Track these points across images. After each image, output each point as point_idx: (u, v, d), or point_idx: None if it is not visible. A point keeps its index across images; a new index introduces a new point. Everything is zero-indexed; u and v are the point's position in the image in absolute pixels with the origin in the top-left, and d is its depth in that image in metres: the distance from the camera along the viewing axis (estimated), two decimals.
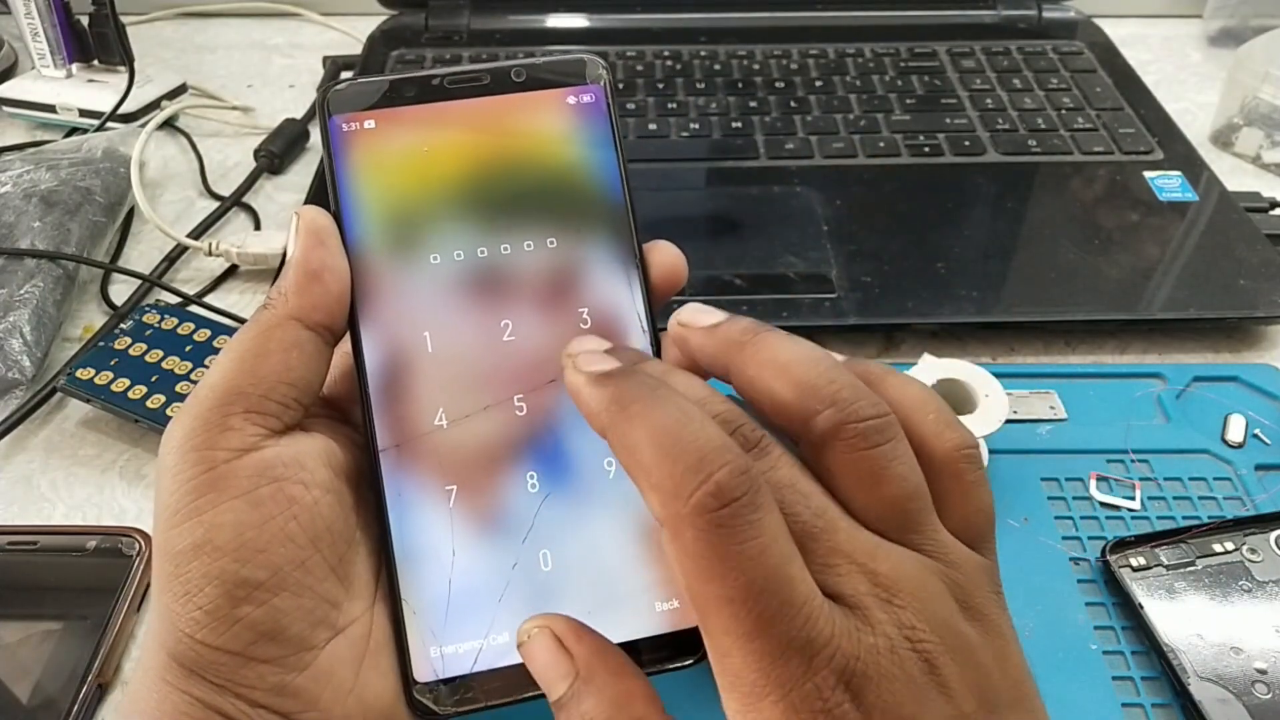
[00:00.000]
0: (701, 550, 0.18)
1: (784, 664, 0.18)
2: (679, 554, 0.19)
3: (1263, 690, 0.31)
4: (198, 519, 0.22)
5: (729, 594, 0.18)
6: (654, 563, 0.25)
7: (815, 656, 0.18)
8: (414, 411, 0.25)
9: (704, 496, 0.18)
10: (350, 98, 0.26)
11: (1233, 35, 0.72)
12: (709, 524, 0.18)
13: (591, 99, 0.27)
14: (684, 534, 0.18)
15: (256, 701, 0.22)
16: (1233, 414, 0.42)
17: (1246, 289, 0.47)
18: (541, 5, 0.69)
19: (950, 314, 0.46)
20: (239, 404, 0.23)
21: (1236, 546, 0.35)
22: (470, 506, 0.25)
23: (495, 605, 0.25)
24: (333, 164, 0.26)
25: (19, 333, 0.44)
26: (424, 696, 0.24)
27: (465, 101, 0.26)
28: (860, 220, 0.51)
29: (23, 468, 0.42)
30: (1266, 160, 0.60)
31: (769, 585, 0.18)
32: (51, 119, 0.63)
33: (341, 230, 0.25)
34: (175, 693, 0.22)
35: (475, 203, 0.26)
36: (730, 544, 0.18)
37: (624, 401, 0.20)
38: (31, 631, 0.34)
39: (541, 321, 0.26)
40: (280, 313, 0.24)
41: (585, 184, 0.27)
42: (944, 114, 0.59)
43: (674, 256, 0.27)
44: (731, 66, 0.64)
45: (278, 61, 0.72)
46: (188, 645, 0.22)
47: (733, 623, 0.18)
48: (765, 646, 0.18)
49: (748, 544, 0.18)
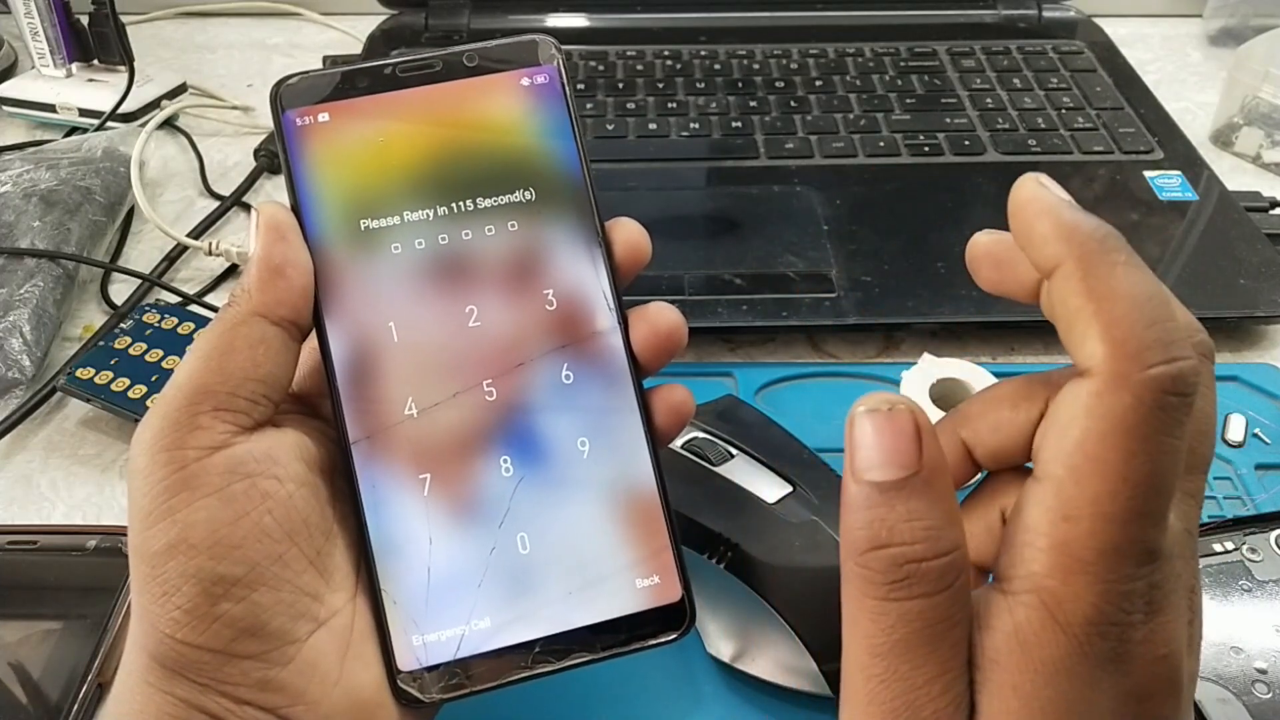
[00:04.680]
0: (1130, 418, 0.18)
1: (1121, 558, 0.18)
2: (1099, 408, 0.18)
3: (1263, 690, 0.31)
4: (171, 519, 0.22)
5: (1128, 471, 0.18)
6: (632, 540, 0.25)
7: (1147, 565, 0.18)
8: (383, 402, 0.25)
9: (1164, 373, 0.18)
10: (303, 92, 0.26)
11: (1233, 35, 0.72)
12: (1155, 400, 0.18)
13: (545, 79, 0.27)
14: (1122, 395, 0.18)
15: (241, 698, 0.22)
16: (1233, 414, 0.41)
17: (1246, 288, 0.47)
18: (541, 5, 0.69)
19: (950, 314, 0.46)
20: (207, 402, 0.23)
21: (1236, 546, 0.35)
22: (445, 494, 0.25)
23: (475, 591, 0.25)
24: (289, 159, 0.26)
25: (19, 332, 0.44)
26: (409, 685, 0.24)
27: (419, 89, 0.26)
28: (860, 220, 0.51)
29: (23, 467, 0.42)
30: (1266, 160, 0.60)
31: (1164, 486, 0.18)
32: (51, 118, 0.63)
33: (302, 224, 0.25)
34: (158, 694, 0.22)
35: (434, 190, 0.26)
36: (1159, 429, 0.18)
37: (1113, 244, 0.19)
38: (31, 631, 0.34)
39: (507, 306, 0.26)
40: (244, 309, 0.24)
41: (544, 165, 0.27)
42: (944, 114, 0.59)
43: (637, 233, 0.27)
44: (731, 66, 0.64)
45: (278, 61, 0.72)
46: (169, 645, 0.22)
47: (1111, 498, 0.18)
48: (1123, 534, 0.18)
49: (1171, 439, 0.18)
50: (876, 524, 0.19)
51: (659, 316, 0.26)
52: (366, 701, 0.24)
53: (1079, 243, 0.19)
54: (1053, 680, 0.18)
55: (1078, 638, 0.18)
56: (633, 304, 0.27)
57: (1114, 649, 0.18)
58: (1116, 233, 0.20)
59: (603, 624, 0.25)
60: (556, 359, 0.26)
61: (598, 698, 0.32)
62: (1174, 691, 0.19)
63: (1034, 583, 0.19)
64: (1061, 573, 0.18)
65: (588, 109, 0.60)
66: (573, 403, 0.26)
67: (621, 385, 0.26)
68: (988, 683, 0.19)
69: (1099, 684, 0.18)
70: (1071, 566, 0.18)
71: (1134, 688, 0.19)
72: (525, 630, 0.25)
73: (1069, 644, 0.18)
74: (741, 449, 0.34)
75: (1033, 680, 0.18)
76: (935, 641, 0.19)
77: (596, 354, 0.26)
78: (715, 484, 0.33)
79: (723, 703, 0.32)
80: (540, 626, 0.25)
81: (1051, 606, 0.18)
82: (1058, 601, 0.18)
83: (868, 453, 0.19)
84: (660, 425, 0.26)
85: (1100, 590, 0.18)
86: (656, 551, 0.26)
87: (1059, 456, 0.19)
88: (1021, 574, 0.19)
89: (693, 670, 0.33)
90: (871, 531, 0.19)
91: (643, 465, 0.26)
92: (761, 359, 0.46)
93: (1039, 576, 0.19)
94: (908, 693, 0.19)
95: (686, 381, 0.27)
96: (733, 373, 0.44)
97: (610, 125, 0.58)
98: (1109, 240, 0.19)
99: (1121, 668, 0.18)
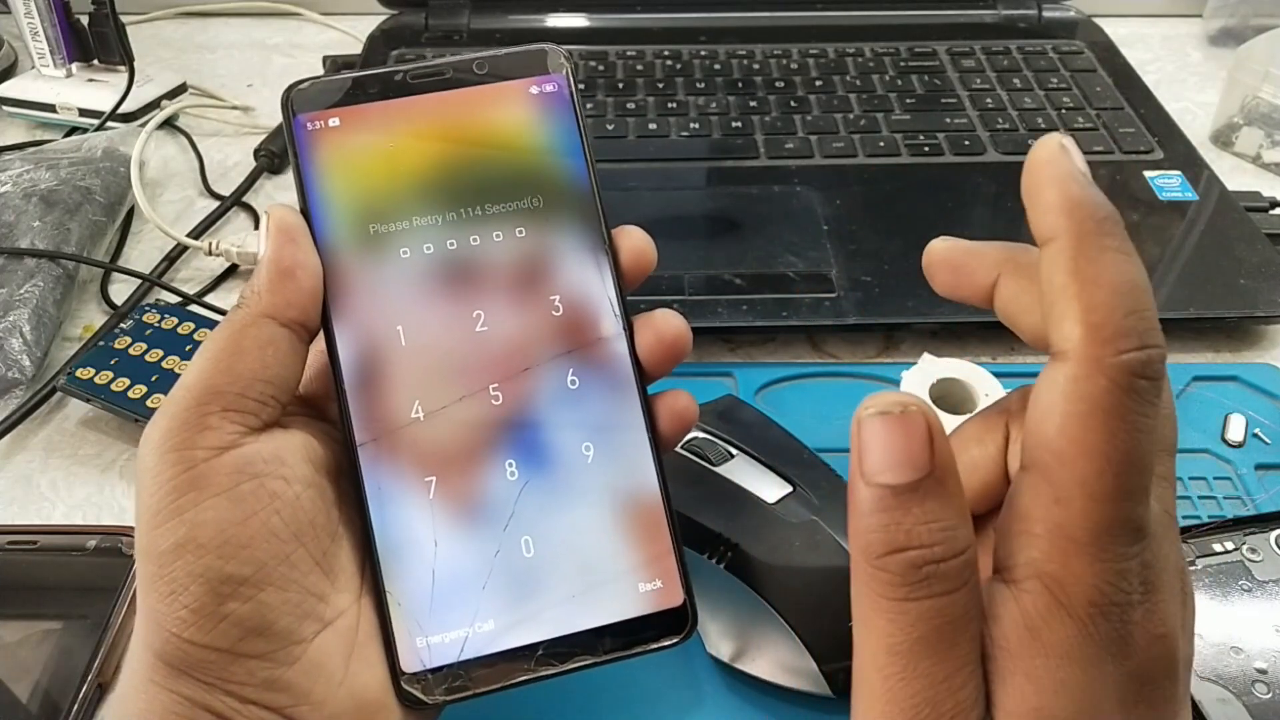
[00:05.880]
0: (1105, 401, 0.19)
1: (1113, 537, 0.19)
2: (1076, 392, 0.19)
3: (1263, 690, 0.31)
4: (179, 518, 0.22)
5: (1108, 450, 0.19)
6: (636, 544, 0.26)
7: (1137, 543, 0.19)
8: (390, 405, 0.25)
9: (1135, 358, 0.19)
10: (314, 96, 0.26)
11: (1233, 35, 0.72)
12: (1127, 383, 0.19)
13: (554, 88, 0.27)
14: (1096, 379, 0.19)
15: (247, 698, 0.22)
16: (1233, 413, 0.41)
17: (1246, 288, 0.47)
18: (541, 5, 0.69)
19: (950, 313, 0.46)
20: (216, 402, 0.23)
21: (1236, 546, 0.35)
22: (450, 497, 0.25)
23: (479, 594, 0.25)
24: (299, 163, 0.26)
25: (19, 332, 0.44)
26: (412, 687, 0.24)
27: (428, 96, 0.27)
28: (860, 220, 0.51)
29: (23, 467, 0.42)
30: (1266, 160, 0.60)
31: (1143, 462, 0.19)
32: (51, 118, 0.63)
33: (312, 227, 0.26)
34: (164, 693, 0.22)
35: (442, 195, 0.26)
36: (1133, 410, 0.19)
37: (1109, 227, 0.20)
38: (31, 631, 0.34)
39: (513, 311, 0.26)
40: (254, 310, 0.24)
41: (552, 173, 0.27)
42: (944, 113, 0.59)
43: (643, 241, 0.27)
44: (731, 66, 0.64)
45: (278, 61, 0.72)
46: (175, 645, 0.22)
47: (1098, 477, 0.19)
48: (1113, 512, 0.19)
49: (1144, 419, 0.19)
50: (893, 528, 0.19)
51: (664, 324, 0.27)
52: (370, 702, 0.24)
53: (1078, 220, 0.20)
54: (1063, 664, 0.19)
55: (1082, 620, 0.18)
56: (636, 307, 0.27)
57: (1116, 630, 0.19)
58: (1116, 216, 0.20)
59: (605, 627, 0.25)
60: (562, 364, 0.26)
61: (599, 698, 0.32)
62: (1172, 673, 0.20)
63: (1035, 569, 0.19)
64: (1060, 556, 0.19)
65: (588, 109, 0.60)
66: (577, 408, 0.26)
67: (626, 391, 0.26)
68: (1000, 671, 0.19)
69: (1104, 666, 0.19)
70: (1069, 549, 0.19)
71: (1136, 669, 0.19)
72: (528, 633, 0.25)
73: (1075, 626, 0.19)
74: (741, 449, 0.34)
75: (1044, 665, 0.19)
76: (954, 637, 0.19)
77: (601, 360, 0.26)
78: (715, 484, 0.33)
79: (723, 703, 0.32)
80: (543, 629, 0.25)
81: (1055, 590, 0.19)
82: (1060, 585, 0.19)
83: (879, 455, 0.19)
84: (664, 431, 0.26)
85: (1099, 570, 0.18)
86: (659, 556, 0.26)
87: (1043, 443, 0.19)
88: (1022, 561, 0.19)
89: (693, 670, 0.33)
90: (888, 535, 0.19)
91: (646, 471, 0.26)
92: (761, 359, 0.46)
93: (1039, 562, 0.19)
94: (928, 689, 0.19)
95: (686, 382, 0.27)
96: (733, 373, 0.44)
97: (610, 125, 0.58)
98: (1106, 223, 0.20)
99: (1124, 649, 0.19)
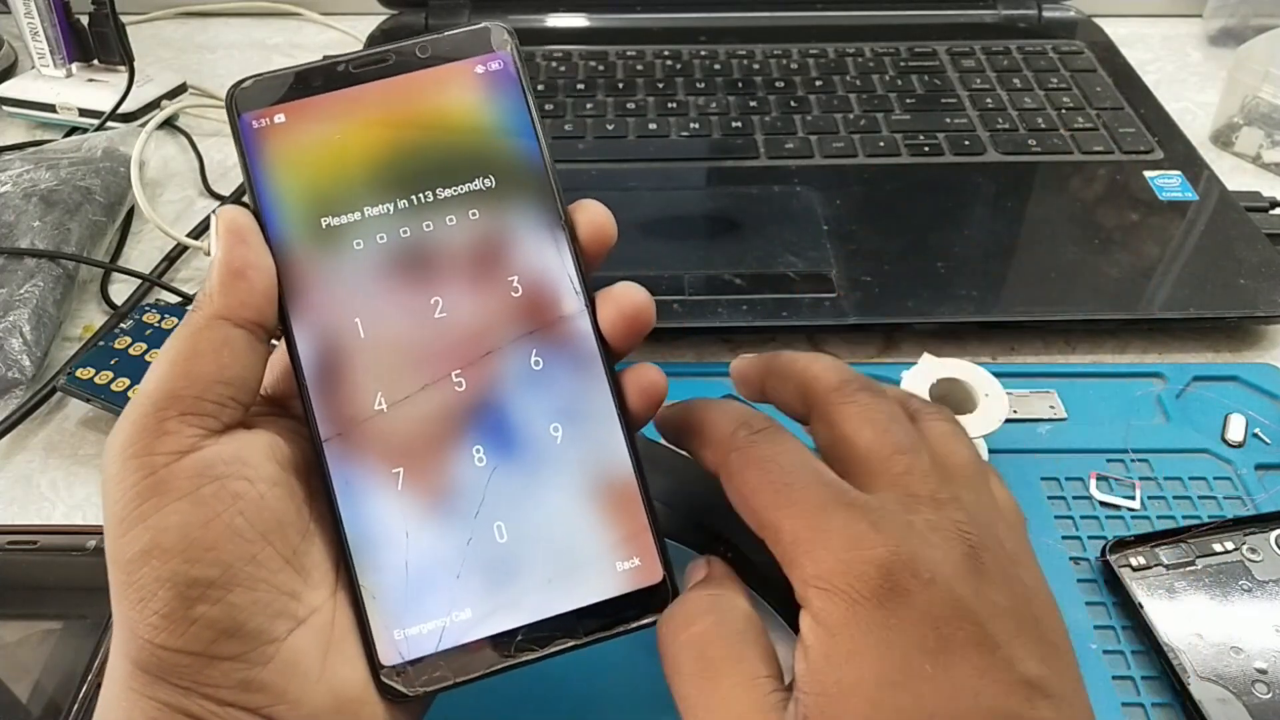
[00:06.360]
0: (743, 461, 0.24)
1: (825, 517, 0.22)
2: (732, 477, 0.25)
3: (1263, 690, 0.31)
4: (143, 524, 0.22)
5: (770, 480, 0.24)
6: (611, 523, 0.25)
7: (853, 510, 0.23)
8: (352, 398, 0.25)
9: (739, 430, 0.25)
10: (257, 94, 0.26)
11: (1233, 35, 0.72)
12: (746, 441, 0.25)
13: (499, 66, 0.27)
14: (730, 460, 0.25)
15: (224, 700, 0.22)
16: (1233, 413, 0.42)
17: (1246, 288, 0.47)
18: (541, 5, 0.69)
19: (950, 314, 0.46)
20: (174, 407, 0.23)
21: (1236, 546, 0.35)
22: (419, 487, 0.25)
23: (454, 583, 0.25)
24: (247, 162, 0.26)
25: (19, 332, 0.44)
26: (392, 679, 0.24)
27: (373, 84, 0.27)
28: (860, 220, 0.51)
29: (23, 467, 0.42)
30: (1266, 160, 0.60)
31: (800, 468, 0.24)
32: (51, 118, 0.63)
33: (263, 226, 0.25)
34: (142, 699, 0.22)
35: (393, 184, 0.26)
36: (763, 447, 0.24)
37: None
38: (31, 631, 0.34)
39: (472, 295, 0.26)
40: (207, 313, 0.24)
41: (502, 152, 0.27)
42: (944, 114, 0.59)
43: (601, 214, 0.27)
44: (731, 66, 0.64)
45: (278, 61, 0.72)
46: (149, 651, 0.22)
47: (772, 498, 0.23)
48: (801, 512, 0.23)
49: (776, 446, 0.24)
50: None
51: (624, 296, 0.26)
52: (351, 698, 0.24)
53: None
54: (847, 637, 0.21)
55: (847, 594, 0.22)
56: (605, 285, 0.27)
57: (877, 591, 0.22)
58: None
59: (585, 609, 0.25)
60: (525, 346, 0.26)
61: (595, 698, 0.32)
62: (963, 614, 0.21)
63: (801, 583, 0.23)
64: (799, 565, 0.23)
65: (588, 109, 0.60)
66: (543, 389, 0.26)
67: (592, 369, 0.26)
68: (810, 669, 0.22)
69: (882, 629, 0.21)
70: (798, 553, 0.23)
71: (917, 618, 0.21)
72: (507, 619, 0.25)
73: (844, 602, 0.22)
74: None
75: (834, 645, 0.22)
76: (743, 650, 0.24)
77: (565, 338, 0.26)
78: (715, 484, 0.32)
79: None
80: (522, 615, 0.25)
81: (819, 585, 0.22)
82: (821, 578, 0.22)
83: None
84: (633, 407, 0.26)
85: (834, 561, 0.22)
86: (636, 533, 0.25)
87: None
88: (797, 584, 0.23)
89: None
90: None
91: (617, 448, 0.26)
92: None
93: (803, 578, 0.23)
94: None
95: (687, 382, 0.27)
96: None
97: (610, 125, 0.58)
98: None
99: (893, 605, 0.21)
